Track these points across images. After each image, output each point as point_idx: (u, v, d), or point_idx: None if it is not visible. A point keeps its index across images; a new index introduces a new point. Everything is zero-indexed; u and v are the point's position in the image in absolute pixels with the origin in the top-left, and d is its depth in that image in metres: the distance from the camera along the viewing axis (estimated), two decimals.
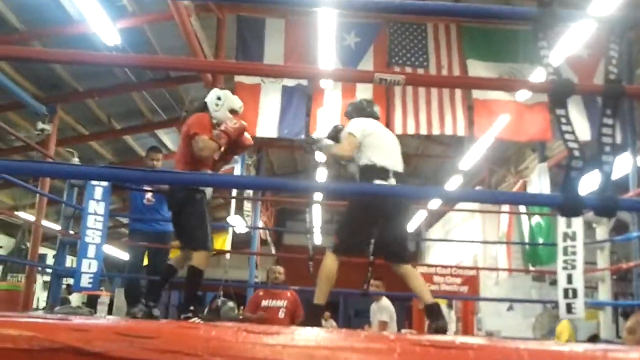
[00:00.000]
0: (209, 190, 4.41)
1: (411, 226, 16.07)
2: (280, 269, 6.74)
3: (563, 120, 1.91)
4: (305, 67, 3.57)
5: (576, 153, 1.86)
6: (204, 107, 4.43)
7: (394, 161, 4.13)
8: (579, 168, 1.85)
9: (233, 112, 4.36)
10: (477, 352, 1.31)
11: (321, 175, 11.70)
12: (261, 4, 7.60)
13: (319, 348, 1.31)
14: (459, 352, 1.31)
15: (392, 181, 4.00)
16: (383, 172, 4.01)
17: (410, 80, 2.04)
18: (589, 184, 2.02)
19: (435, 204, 13.52)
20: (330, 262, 3.97)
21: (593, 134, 6.55)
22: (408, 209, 4.33)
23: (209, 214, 4.40)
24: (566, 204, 1.86)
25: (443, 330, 3.93)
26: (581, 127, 6.95)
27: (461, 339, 1.40)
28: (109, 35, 6.43)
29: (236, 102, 4.45)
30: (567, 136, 1.89)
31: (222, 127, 4.18)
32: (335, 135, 4.34)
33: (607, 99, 1.92)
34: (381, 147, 4.14)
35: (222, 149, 4.31)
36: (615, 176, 1.91)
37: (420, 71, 7.34)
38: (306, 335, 1.41)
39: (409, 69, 7.40)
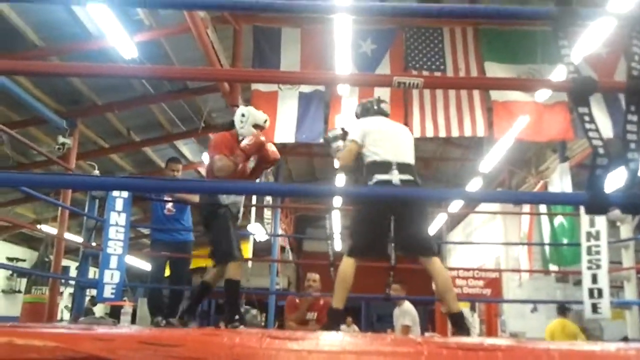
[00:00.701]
0: (235, 202, 4.46)
1: (431, 224, 16.00)
2: (316, 276, 6.62)
3: (586, 118, 1.88)
4: (323, 72, 3.56)
5: (600, 150, 1.83)
6: (231, 125, 4.61)
7: (398, 153, 4.02)
8: (603, 165, 1.81)
9: (257, 127, 4.49)
10: (505, 353, 1.28)
11: (340, 180, 11.68)
12: (276, 11, 7.61)
13: (344, 353, 1.30)
14: (487, 354, 1.29)
15: (395, 173, 3.90)
16: (384, 166, 3.93)
17: (429, 82, 2.02)
18: (613, 182, 1.99)
19: (455, 207, 13.44)
20: (346, 266, 3.92)
21: (615, 131, 6.44)
22: (421, 202, 4.13)
23: (238, 225, 4.51)
24: (592, 201, 1.83)
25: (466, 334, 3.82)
26: (603, 125, 6.85)
27: (489, 341, 1.37)
28: (126, 49, 6.49)
29: (260, 117, 4.56)
30: (591, 134, 1.86)
31: (240, 146, 4.32)
32: (343, 138, 4.34)
33: (630, 96, 1.88)
34: (383, 141, 4.06)
35: (241, 166, 4.40)
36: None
37: (438, 74, 7.29)
38: (331, 340, 1.39)
39: (426, 73, 7.36)
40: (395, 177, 3.90)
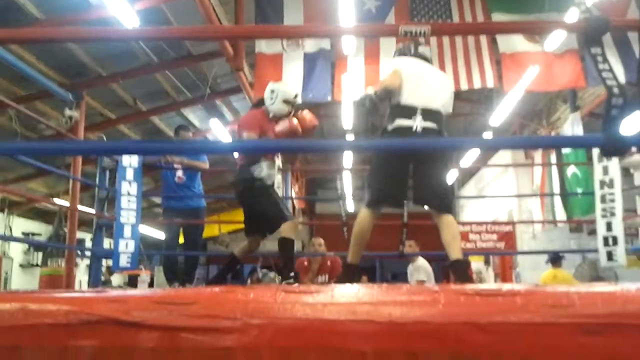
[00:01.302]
0: (270, 174, 4.44)
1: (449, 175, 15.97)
2: (321, 240, 6.72)
3: (599, 58, 1.83)
4: (327, 25, 3.47)
5: (615, 90, 1.78)
6: (261, 103, 4.61)
7: (426, 98, 3.75)
8: (619, 106, 1.77)
9: (287, 102, 4.47)
10: (524, 298, 1.26)
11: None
12: None
13: (360, 304, 1.28)
14: (506, 299, 1.27)
15: (419, 119, 3.66)
16: (408, 110, 3.70)
17: (436, 30, 1.96)
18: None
19: (467, 162, 13.35)
20: (362, 219, 3.77)
21: (628, 77, 6.28)
22: (442, 153, 3.90)
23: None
24: (608, 143, 1.79)
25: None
26: (615, 71, 6.71)
27: (507, 286, 1.35)
28: (127, 18, 6.40)
29: (289, 92, 4.55)
30: (605, 74, 1.81)
31: (275, 132, 4.33)
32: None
33: None
34: (414, 84, 3.79)
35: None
36: None
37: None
38: (347, 292, 1.37)
39: None
40: (417, 123, 3.67)
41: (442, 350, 1.19)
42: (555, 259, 8.46)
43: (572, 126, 8.80)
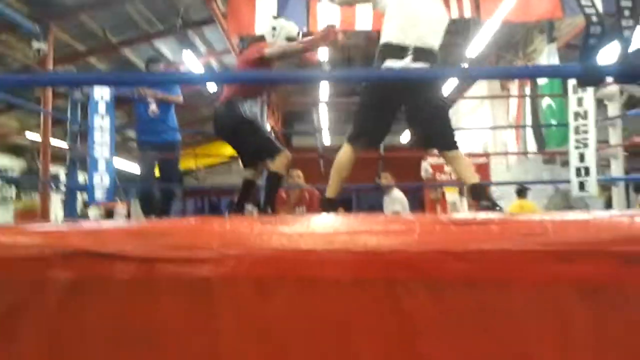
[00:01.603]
0: (253, 111, 4.30)
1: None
2: (299, 172, 6.70)
3: None
4: None
5: (594, 19, 1.76)
6: (261, 39, 4.42)
7: (416, 35, 3.51)
8: (597, 34, 1.75)
9: (291, 39, 4.29)
10: (499, 226, 1.27)
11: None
12: None
13: (337, 234, 1.28)
14: (481, 227, 1.28)
15: (409, 60, 3.46)
16: (398, 50, 3.49)
17: None
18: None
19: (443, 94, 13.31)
20: (344, 153, 3.69)
21: (605, 7, 6.24)
22: (437, 87, 3.72)
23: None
24: (585, 73, 1.78)
25: (492, 209, 3.57)
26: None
27: (482, 215, 1.36)
28: None
29: (292, 28, 4.38)
30: (584, 1, 1.78)
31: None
32: None
33: None
34: (399, 18, 3.57)
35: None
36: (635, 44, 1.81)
37: None
38: (323, 222, 1.38)
39: None
40: (407, 64, 3.48)
41: (418, 279, 1.20)
42: (521, 190, 8.64)
43: (548, 57, 8.78)
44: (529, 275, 1.21)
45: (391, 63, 3.50)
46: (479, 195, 3.54)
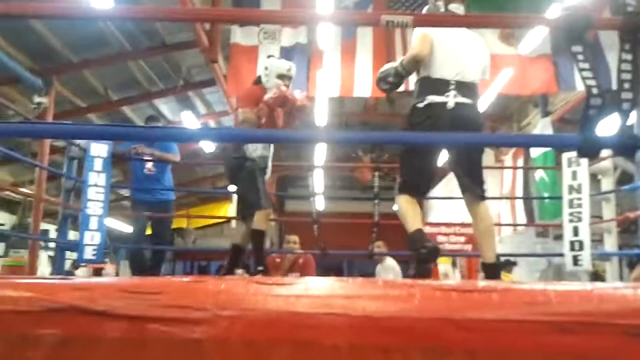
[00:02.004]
0: (263, 155, 4.32)
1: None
2: (296, 238, 6.55)
3: (580, 57, 1.82)
4: (305, 11, 3.40)
5: (594, 90, 1.77)
6: (259, 81, 4.48)
7: (460, 69, 3.43)
8: (597, 106, 1.76)
9: (281, 77, 4.35)
10: (501, 294, 1.24)
11: None
12: None
13: (335, 297, 1.25)
14: (482, 295, 1.25)
15: (452, 95, 3.36)
16: (440, 84, 3.39)
17: (418, 21, 1.93)
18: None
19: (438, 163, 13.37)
20: (403, 201, 3.53)
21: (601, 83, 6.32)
22: (480, 128, 3.55)
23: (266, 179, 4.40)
24: (584, 144, 1.78)
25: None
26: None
27: (483, 283, 1.34)
28: (103, 3, 6.27)
29: (282, 66, 4.43)
30: (584, 73, 1.80)
31: (263, 100, 4.20)
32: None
33: (625, 33, 1.82)
34: (440, 54, 3.47)
35: (264, 120, 4.26)
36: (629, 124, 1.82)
37: None
38: (321, 285, 1.34)
39: (409, 29, 7.20)
40: (451, 99, 3.37)
41: (417, 346, 1.17)
42: (506, 263, 8.61)
43: (542, 131, 8.91)
44: (530, 346, 1.18)
45: (433, 98, 3.39)
46: (493, 276, 3.42)
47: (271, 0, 7.23)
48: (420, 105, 3.43)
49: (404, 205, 3.52)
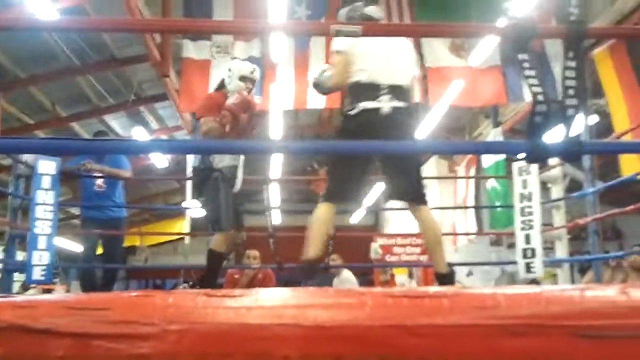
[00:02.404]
0: (230, 165, 4.15)
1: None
2: (256, 253, 6.41)
3: (526, 64, 1.86)
4: (256, 21, 3.40)
5: (540, 97, 1.81)
6: (222, 85, 4.35)
7: (388, 73, 3.32)
8: (543, 112, 1.80)
9: (244, 79, 4.21)
10: (451, 299, 1.25)
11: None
12: None
13: (286, 307, 1.23)
14: (433, 300, 1.25)
15: (385, 99, 3.26)
16: (371, 89, 3.27)
17: (367, 30, 1.95)
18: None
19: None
20: (320, 212, 3.40)
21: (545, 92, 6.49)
22: (411, 135, 3.43)
23: (234, 191, 4.22)
24: (532, 150, 1.82)
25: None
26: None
27: (434, 289, 1.34)
28: (48, 16, 6.15)
29: (244, 67, 4.28)
30: (531, 80, 1.84)
31: (225, 106, 4.02)
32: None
33: (569, 41, 1.87)
34: (368, 57, 3.36)
35: (228, 127, 4.07)
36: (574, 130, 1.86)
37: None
38: (271, 295, 1.32)
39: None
40: (385, 104, 3.26)
41: (370, 354, 1.16)
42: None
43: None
44: (481, 350, 1.18)
45: (366, 104, 3.27)
46: (447, 284, 3.30)
47: (223, 12, 7.21)
48: (352, 112, 3.33)
49: (320, 217, 3.36)
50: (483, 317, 1.21)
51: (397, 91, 3.31)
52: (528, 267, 5.60)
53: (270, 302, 1.27)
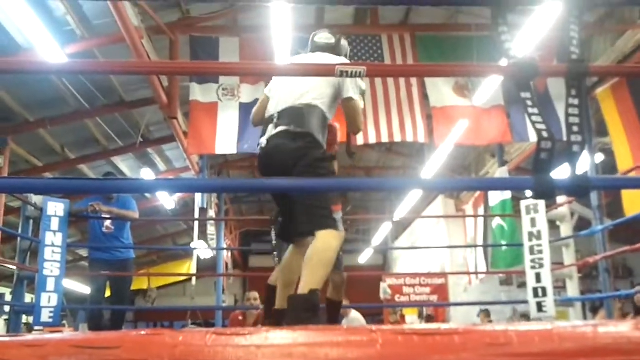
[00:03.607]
0: None
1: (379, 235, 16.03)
2: (256, 294, 6.56)
3: (529, 102, 1.87)
4: (262, 63, 3.44)
5: (544, 134, 1.82)
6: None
7: (280, 99, 3.04)
8: (548, 149, 1.81)
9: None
10: (463, 336, 1.23)
11: None
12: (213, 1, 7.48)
13: (296, 345, 1.22)
14: (444, 337, 1.24)
15: (270, 129, 2.95)
16: (267, 123, 3.02)
17: (372, 70, 1.98)
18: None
19: (400, 214, 13.51)
20: (339, 241, 2.84)
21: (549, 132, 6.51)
22: (294, 159, 2.86)
23: None
24: (538, 186, 1.82)
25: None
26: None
27: (445, 326, 1.33)
28: (58, 60, 6.27)
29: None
30: (534, 118, 1.86)
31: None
32: None
33: (571, 80, 1.89)
34: (274, 93, 3.17)
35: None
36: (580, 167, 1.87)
37: (378, 80, 7.30)
38: (281, 334, 1.31)
39: (365, 80, 7.34)
40: (268, 133, 2.97)
41: None
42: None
43: None
44: None
45: (261, 140, 3.03)
46: (296, 307, 2.65)
47: (229, 56, 7.33)
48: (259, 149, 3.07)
49: (337, 246, 2.80)
50: (495, 354, 1.19)
51: (285, 114, 2.95)
52: (540, 306, 5.54)
53: (280, 341, 1.26)
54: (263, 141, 2.99)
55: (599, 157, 7.94)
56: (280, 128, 2.91)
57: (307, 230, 2.81)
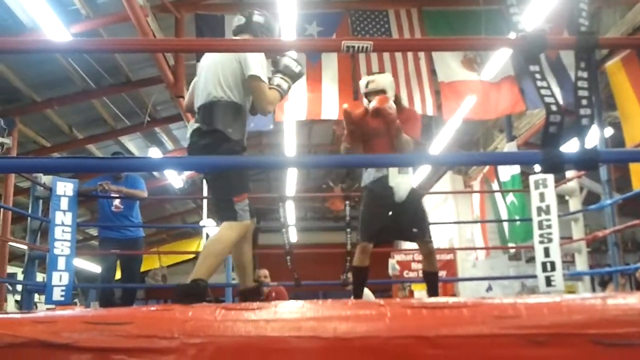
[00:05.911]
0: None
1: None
2: (265, 272, 6.61)
3: (537, 76, 1.86)
4: (267, 40, 3.41)
5: (553, 107, 1.81)
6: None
7: (199, 93, 3.19)
8: (557, 122, 1.80)
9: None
10: (471, 309, 1.24)
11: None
12: None
13: (305, 320, 1.23)
14: (453, 310, 1.24)
15: (191, 122, 3.18)
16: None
17: (378, 45, 1.96)
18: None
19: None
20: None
21: (566, 101, 6.41)
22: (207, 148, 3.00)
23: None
24: (547, 159, 1.81)
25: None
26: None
27: (454, 299, 1.33)
28: (63, 40, 6.25)
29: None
30: (543, 91, 1.84)
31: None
32: None
33: (580, 52, 1.87)
34: (195, 83, 3.35)
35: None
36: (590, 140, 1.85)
37: (386, 56, 7.23)
38: (290, 308, 1.32)
39: (373, 55, 7.28)
40: (189, 131, 3.15)
41: None
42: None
43: None
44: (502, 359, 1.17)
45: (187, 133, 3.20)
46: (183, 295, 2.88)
47: None
48: None
49: (232, 236, 3.06)
50: (504, 327, 1.20)
51: (200, 111, 3.13)
52: (548, 281, 5.54)
53: (288, 315, 1.27)
54: (188, 135, 3.16)
55: (609, 131, 7.88)
56: (195, 125, 3.11)
57: (216, 222, 3.07)
